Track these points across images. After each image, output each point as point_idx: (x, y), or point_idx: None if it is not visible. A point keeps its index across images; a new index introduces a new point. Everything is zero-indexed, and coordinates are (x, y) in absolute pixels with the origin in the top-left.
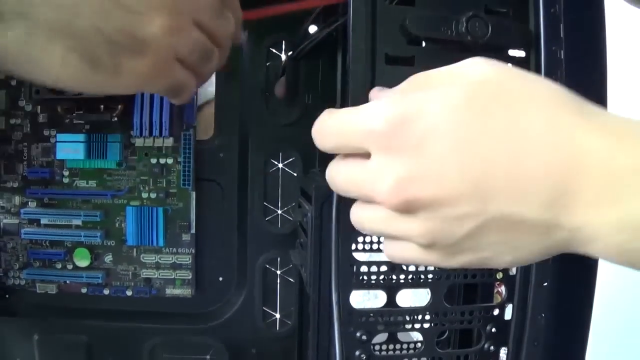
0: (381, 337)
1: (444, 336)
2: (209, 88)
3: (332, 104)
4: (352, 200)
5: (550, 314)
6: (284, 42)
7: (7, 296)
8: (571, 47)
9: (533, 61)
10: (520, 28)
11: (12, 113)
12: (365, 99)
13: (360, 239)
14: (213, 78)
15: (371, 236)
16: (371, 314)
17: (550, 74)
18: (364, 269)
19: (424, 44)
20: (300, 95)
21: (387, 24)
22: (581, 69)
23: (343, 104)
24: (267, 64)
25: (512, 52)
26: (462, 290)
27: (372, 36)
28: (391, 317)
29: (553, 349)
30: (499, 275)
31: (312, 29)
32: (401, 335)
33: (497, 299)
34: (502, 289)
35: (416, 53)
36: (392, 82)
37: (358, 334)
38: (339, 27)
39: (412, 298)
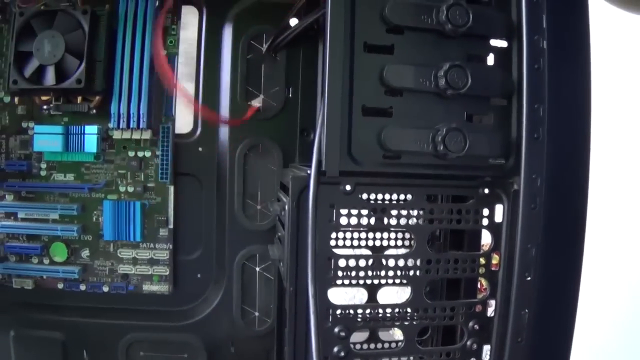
0: (363, 336)
1: (427, 334)
2: (189, 81)
3: (313, 98)
4: (329, 190)
5: (534, 310)
6: (264, 35)
7: None
8: (554, 37)
9: (515, 51)
10: (502, 17)
11: None
12: (342, 89)
13: (338, 233)
14: (193, 71)
15: (352, 229)
16: (350, 310)
17: (533, 64)
18: (342, 262)
19: (404, 32)
20: (281, 89)
21: (367, 12)
22: (564, 58)
23: (323, 97)
24: (248, 56)
25: (494, 42)
26: (445, 286)
27: (351, 24)
28: (370, 313)
29: (537, 345)
30: (481, 270)
31: (293, 22)
32: (383, 335)
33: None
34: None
35: (396, 41)
36: (370, 71)
37: (336, 330)
38: (319, 20)
39: (395, 297)
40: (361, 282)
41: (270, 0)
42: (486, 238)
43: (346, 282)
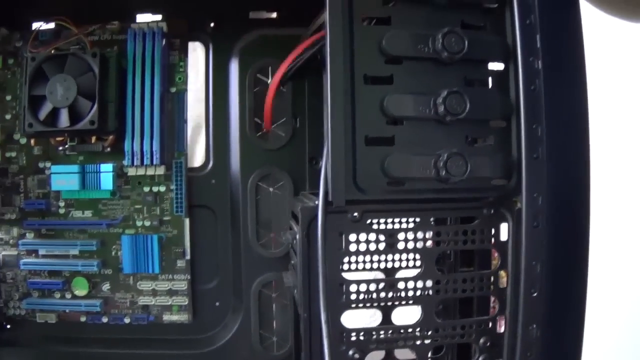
0: (377, 356)
1: (442, 352)
2: (199, 116)
3: (320, 127)
4: (338, 219)
5: (542, 325)
6: (270, 67)
7: (8, 327)
8: (549, 56)
9: (512, 72)
10: (497, 41)
11: (8, 146)
12: (345, 121)
13: (349, 258)
14: (202, 106)
15: (361, 254)
16: (362, 333)
17: (529, 84)
18: (353, 287)
19: (402, 62)
20: (288, 120)
21: (365, 45)
22: (560, 77)
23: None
24: (255, 89)
25: (491, 66)
26: (458, 305)
27: (351, 57)
28: (383, 334)
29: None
30: (491, 288)
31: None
32: (400, 353)
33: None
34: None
35: (394, 72)
36: (371, 102)
37: (351, 352)
38: (323, 51)
39: (411, 316)
40: (374, 304)
41: (275, 33)
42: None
43: (359, 305)
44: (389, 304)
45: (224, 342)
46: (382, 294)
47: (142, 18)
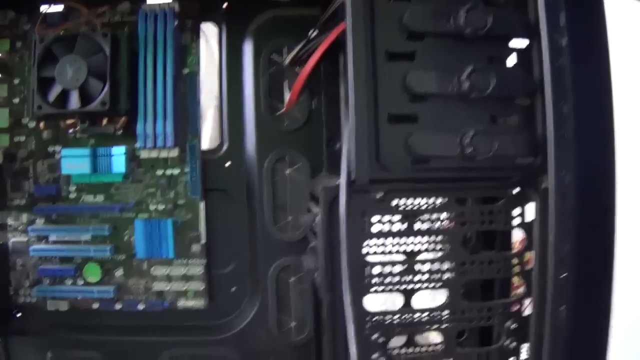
0: (400, 341)
1: (464, 337)
2: (213, 97)
3: (337, 108)
4: (360, 199)
5: (570, 306)
6: (285, 48)
7: (19, 314)
8: (573, 34)
9: (536, 49)
10: (520, 17)
11: (16, 130)
12: (367, 99)
13: (371, 240)
14: (216, 87)
15: (384, 236)
16: (387, 316)
17: (554, 63)
18: (376, 270)
19: (424, 38)
20: (304, 101)
21: (386, 21)
22: (584, 55)
23: (347, 106)
24: (270, 70)
25: (514, 43)
26: (480, 287)
27: (372, 34)
28: (407, 318)
29: (575, 341)
30: (516, 269)
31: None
32: (419, 338)
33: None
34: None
35: (416, 48)
36: (393, 79)
37: (374, 337)
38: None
39: (430, 301)
40: (396, 288)
41: (289, 13)
42: (517, 235)
43: (381, 288)
44: (414, 286)
45: (241, 328)
46: (406, 277)
47: None
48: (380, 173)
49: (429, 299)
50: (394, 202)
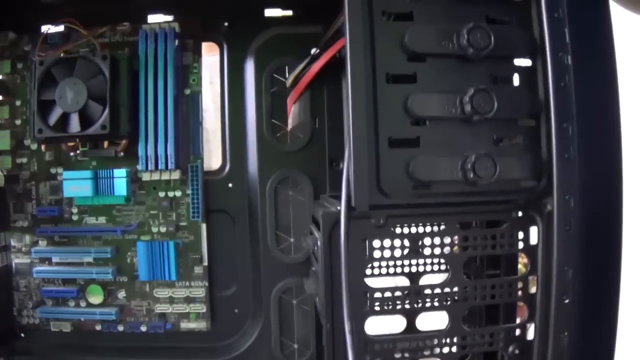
0: None
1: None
2: (215, 118)
3: (340, 128)
4: (361, 225)
5: (573, 332)
6: (286, 67)
7: (22, 335)
8: (578, 52)
9: (540, 69)
10: (524, 36)
11: (19, 152)
12: (367, 123)
13: (372, 264)
14: (218, 107)
15: (385, 260)
16: (388, 342)
17: (559, 81)
18: (377, 295)
19: (425, 59)
20: (307, 121)
21: (386, 42)
22: (590, 74)
23: (348, 132)
24: (272, 90)
25: (518, 62)
26: (484, 311)
27: (372, 55)
28: (408, 343)
29: None
30: (519, 294)
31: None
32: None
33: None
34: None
35: (418, 69)
36: (394, 102)
37: None
38: (342, 50)
39: (435, 321)
40: (398, 311)
41: (290, 32)
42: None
43: (383, 312)
44: (416, 310)
45: (243, 350)
46: (407, 301)
47: (154, 19)
48: (380, 199)
49: (434, 320)
50: (395, 228)
